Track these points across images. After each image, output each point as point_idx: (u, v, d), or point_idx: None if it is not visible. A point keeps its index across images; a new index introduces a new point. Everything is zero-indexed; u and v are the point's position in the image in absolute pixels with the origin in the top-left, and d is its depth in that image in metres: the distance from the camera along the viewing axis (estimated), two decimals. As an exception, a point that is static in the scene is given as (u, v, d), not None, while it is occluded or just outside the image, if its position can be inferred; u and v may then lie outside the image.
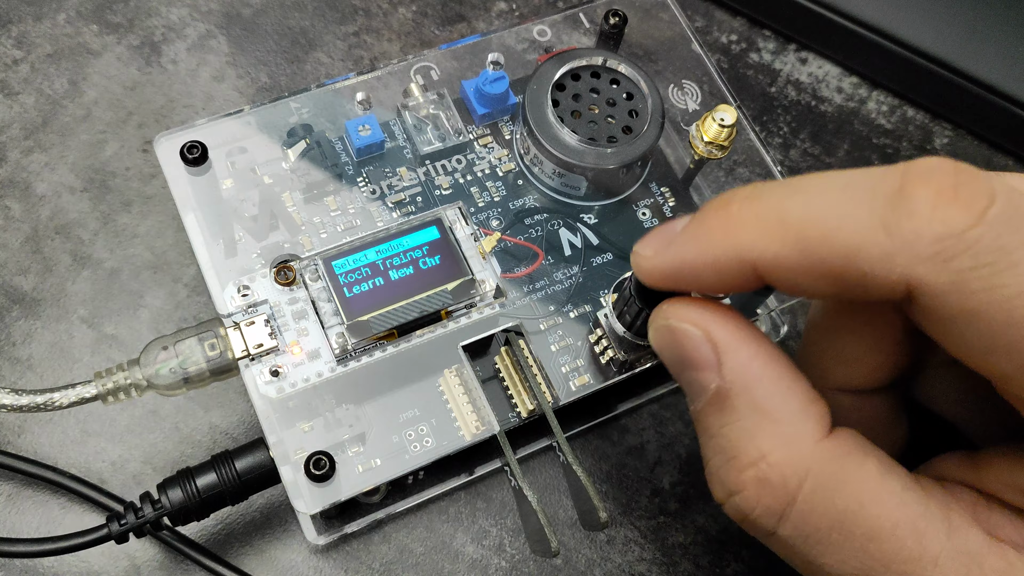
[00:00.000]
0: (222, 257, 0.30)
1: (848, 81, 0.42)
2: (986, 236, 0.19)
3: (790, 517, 0.22)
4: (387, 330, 0.29)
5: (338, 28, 0.40)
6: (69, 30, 0.39)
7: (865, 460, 0.22)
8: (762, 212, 0.22)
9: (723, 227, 0.23)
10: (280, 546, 0.32)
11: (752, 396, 0.23)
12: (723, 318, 0.24)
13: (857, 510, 0.22)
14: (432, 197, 0.33)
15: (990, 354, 0.20)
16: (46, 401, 0.28)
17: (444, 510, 0.33)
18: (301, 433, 0.29)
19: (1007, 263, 0.19)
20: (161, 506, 0.28)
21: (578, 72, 0.34)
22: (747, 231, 0.22)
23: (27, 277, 0.35)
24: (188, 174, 0.31)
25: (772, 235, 0.22)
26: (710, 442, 0.24)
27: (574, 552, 0.33)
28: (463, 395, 0.30)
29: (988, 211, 0.20)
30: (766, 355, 0.23)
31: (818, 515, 0.22)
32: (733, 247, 0.22)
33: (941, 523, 0.22)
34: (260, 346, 0.29)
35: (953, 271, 0.20)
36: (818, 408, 0.23)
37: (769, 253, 0.22)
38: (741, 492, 0.23)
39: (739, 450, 0.23)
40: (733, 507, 0.24)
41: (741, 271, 0.23)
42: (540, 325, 0.31)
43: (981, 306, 0.19)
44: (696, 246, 0.23)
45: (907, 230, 0.20)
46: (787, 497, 0.22)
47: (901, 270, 0.20)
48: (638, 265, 0.25)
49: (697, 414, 0.24)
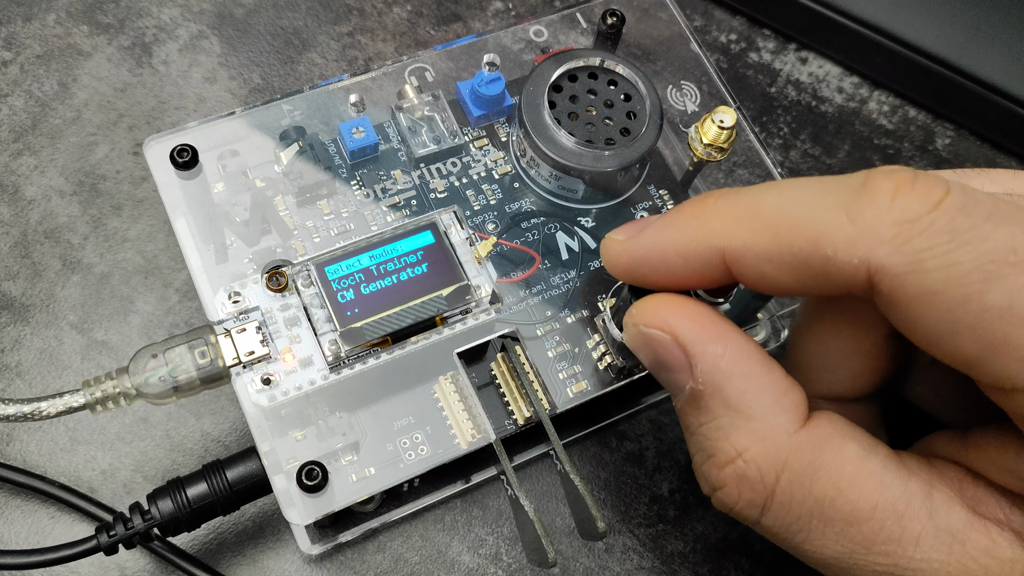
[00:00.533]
0: (213, 263, 0.30)
1: (849, 81, 0.42)
2: (940, 219, 0.21)
3: (771, 508, 0.23)
4: (381, 337, 0.29)
5: (332, 28, 0.40)
6: (59, 31, 0.38)
7: (844, 444, 0.23)
8: (738, 202, 0.24)
9: (697, 216, 0.24)
10: (273, 555, 0.31)
11: (724, 395, 0.24)
12: (691, 318, 0.24)
13: (835, 496, 0.23)
14: (427, 200, 0.32)
15: (952, 335, 0.21)
16: (33, 411, 0.27)
17: (440, 518, 0.32)
18: (293, 442, 0.28)
19: (960, 241, 0.20)
20: (151, 517, 0.27)
21: (575, 73, 0.33)
22: (720, 219, 0.23)
23: (16, 282, 0.34)
24: (178, 178, 0.31)
25: (744, 224, 0.23)
26: (691, 439, 0.25)
27: (572, 561, 0.32)
28: (459, 402, 0.29)
29: (943, 200, 0.21)
30: (736, 352, 0.24)
31: (797, 504, 0.23)
32: (705, 234, 0.24)
33: (922, 502, 0.22)
34: (251, 354, 0.28)
35: (910, 252, 0.21)
36: (792, 398, 0.24)
37: (738, 241, 0.23)
38: (723, 488, 0.24)
39: (717, 448, 0.24)
40: (718, 500, 0.25)
41: (709, 259, 0.24)
42: (537, 331, 0.31)
43: (937, 284, 0.20)
44: (668, 232, 0.25)
45: (868, 216, 0.21)
46: (766, 490, 0.23)
47: (862, 253, 0.21)
48: (607, 248, 0.26)
49: (679, 411, 0.25)
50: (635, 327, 0.26)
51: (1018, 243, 0.20)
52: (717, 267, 0.24)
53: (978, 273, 0.20)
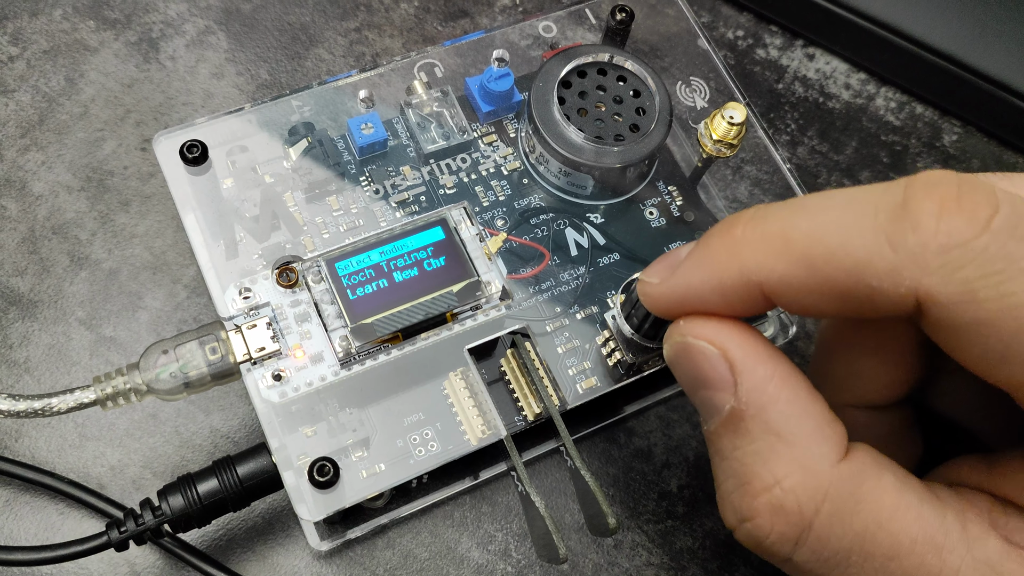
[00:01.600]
0: (223, 258, 0.30)
1: (856, 77, 0.42)
2: (992, 245, 0.19)
3: (807, 543, 0.22)
4: (391, 333, 0.29)
5: (339, 24, 0.40)
6: (66, 26, 0.38)
7: (881, 476, 0.22)
8: (767, 232, 0.22)
9: (728, 249, 0.23)
10: (283, 552, 0.31)
11: (767, 418, 0.22)
12: (740, 336, 0.23)
13: (876, 530, 0.21)
14: (436, 196, 0.32)
15: (1003, 364, 0.20)
16: (44, 407, 0.27)
17: (449, 514, 0.32)
18: (304, 438, 0.28)
19: (1015, 270, 0.19)
20: (162, 513, 0.27)
21: (584, 69, 0.33)
22: (752, 252, 0.22)
23: (24, 278, 0.34)
24: (188, 174, 0.31)
25: (777, 255, 0.22)
26: (722, 464, 0.24)
27: (581, 557, 0.32)
28: (468, 399, 0.29)
29: (993, 219, 0.19)
30: (783, 375, 0.23)
31: (836, 539, 0.22)
32: (739, 269, 0.22)
33: (959, 534, 0.21)
34: (262, 350, 0.28)
35: (961, 281, 0.19)
36: (835, 429, 0.23)
37: (776, 274, 0.22)
38: (754, 519, 0.23)
39: (752, 475, 0.22)
40: (745, 533, 0.23)
41: (748, 293, 0.22)
42: (547, 327, 0.31)
43: (991, 315, 0.19)
44: (701, 271, 0.23)
45: (912, 243, 0.20)
46: (803, 523, 0.22)
47: (909, 283, 0.20)
48: (645, 294, 0.25)
49: (710, 435, 0.24)
50: (682, 338, 0.24)
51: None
52: (758, 299, 0.23)
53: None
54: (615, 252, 0.33)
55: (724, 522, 0.24)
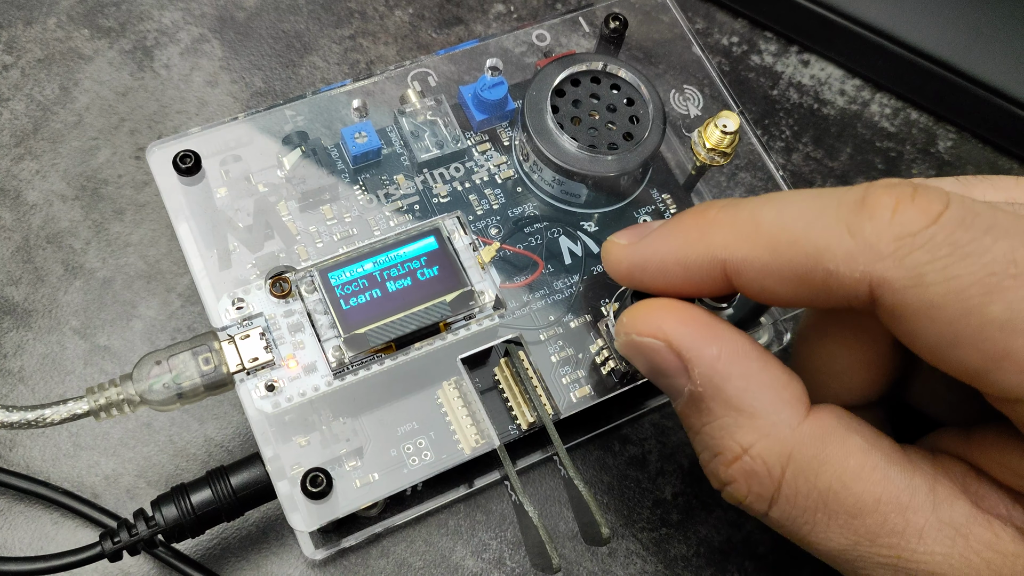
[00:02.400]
0: (216, 268, 0.30)
1: (851, 84, 0.42)
2: (940, 233, 0.21)
3: (777, 501, 0.24)
4: (385, 343, 0.29)
5: (333, 31, 0.40)
6: (60, 34, 0.38)
7: (847, 437, 0.23)
8: (738, 217, 0.24)
9: (698, 227, 0.24)
10: (277, 561, 0.31)
11: (725, 396, 0.24)
12: (683, 322, 0.25)
13: (840, 488, 0.23)
14: (430, 205, 0.32)
15: (954, 348, 0.21)
16: (37, 418, 0.27)
17: (443, 523, 0.32)
18: (298, 448, 0.28)
19: (960, 255, 0.20)
20: (155, 523, 0.27)
21: (578, 77, 0.33)
22: (721, 233, 0.24)
23: (18, 287, 0.34)
24: (181, 184, 0.31)
25: (745, 238, 0.23)
26: (696, 437, 0.25)
27: (575, 565, 0.32)
28: (462, 408, 0.29)
29: (943, 213, 0.21)
30: (732, 351, 0.24)
31: (802, 497, 0.23)
32: (706, 246, 0.24)
33: (926, 496, 0.23)
34: (255, 360, 0.28)
35: (910, 266, 0.21)
36: (791, 391, 0.24)
37: (740, 254, 0.23)
38: (732, 483, 0.24)
39: (722, 446, 0.24)
40: (728, 495, 0.25)
41: (710, 270, 0.24)
42: (540, 336, 0.31)
43: (938, 298, 0.20)
44: (669, 241, 0.25)
45: (868, 231, 0.21)
46: (773, 484, 0.24)
47: (863, 267, 0.21)
48: (608, 251, 0.27)
49: (679, 413, 0.26)
50: (626, 336, 0.26)
51: (1018, 255, 0.20)
52: (718, 278, 0.24)
53: (978, 287, 0.20)
54: (609, 260, 0.33)
55: (712, 485, 0.26)
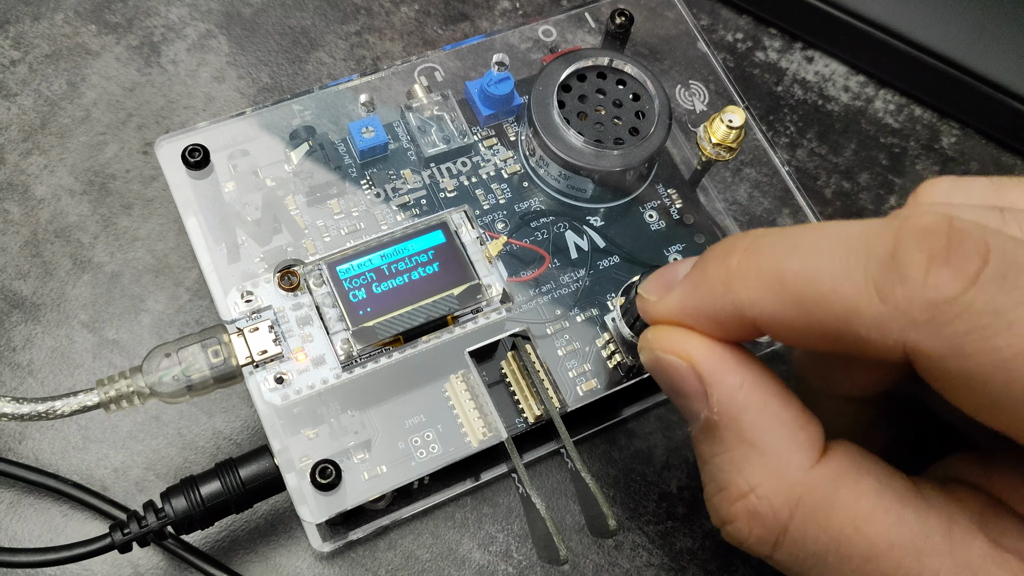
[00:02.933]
0: (225, 262, 0.30)
1: (855, 80, 0.42)
2: (979, 299, 0.19)
3: (783, 544, 0.23)
4: (393, 336, 0.29)
5: (340, 27, 0.40)
6: (67, 30, 0.39)
7: (860, 478, 0.22)
8: (762, 268, 0.22)
9: (723, 281, 0.23)
10: (285, 553, 0.31)
11: (739, 428, 0.23)
12: (708, 346, 0.24)
13: (852, 533, 0.22)
14: (437, 199, 0.33)
15: (992, 412, 0.20)
16: (48, 410, 0.27)
17: (450, 516, 0.32)
18: (306, 440, 0.28)
19: (1002, 325, 0.19)
20: (165, 515, 0.27)
21: (584, 73, 0.33)
22: (746, 287, 0.22)
23: (27, 281, 0.34)
24: (190, 178, 0.31)
25: (771, 293, 0.22)
26: (704, 467, 0.24)
27: (581, 558, 0.32)
28: (469, 401, 0.30)
29: (981, 272, 0.19)
30: (753, 383, 0.23)
31: (811, 541, 0.22)
32: (732, 303, 0.23)
33: (942, 537, 0.22)
34: (264, 353, 0.28)
35: (948, 336, 0.19)
36: (808, 433, 0.23)
37: (768, 311, 0.22)
38: (733, 523, 0.23)
39: (729, 481, 0.23)
40: (728, 534, 0.24)
41: (741, 325, 0.23)
42: (547, 329, 0.31)
43: (978, 369, 0.19)
44: (696, 297, 0.24)
45: (900, 296, 0.20)
46: (778, 527, 0.23)
47: (896, 336, 0.20)
48: (643, 309, 0.26)
49: (693, 439, 0.25)
50: (651, 352, 0.25)
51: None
52: (751, 330, 0.23)
53: (1022, 359, 0.19)
54: (615, 255, 0.33)
55: (712, 521, 0.24)
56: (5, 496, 0.31)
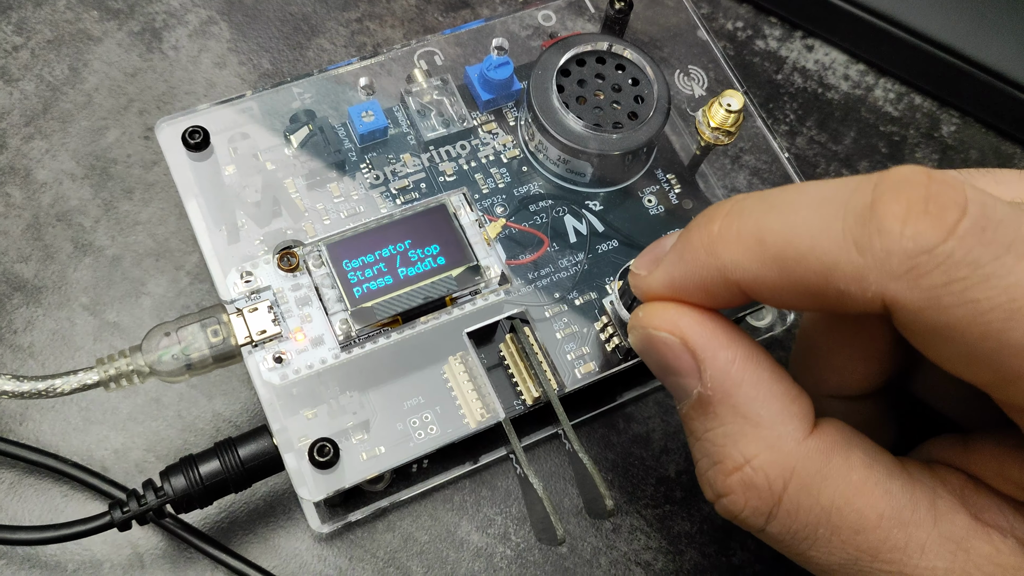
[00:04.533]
0: (224, 243, 0.30)
1: (855, 68, 0.42)
2: (957, 251, 0.19)
3: (777, 516, 0.23)
4: (391, 317, 0.29)
5: (340, 14, 0.40)
6: (69, 16, 0.39)
7: (850, 452, 0.23)
8: (742, 230, 0.22)
9: (706, 246, 0.23)
10: (284, 534, 0.32)
11: (733, 402, 0.23)
12: (700, 322, 0.24)
13: (842, 504, 0.22)
14: (436, 183, 0.33)
15: (969, 365, 0.20)
16: (48, 388, 0.27)
17: (449, 498, 0.33)
18: (305, 420, 0.28)
19: (979, 277, 0.19)
20: (164, 493, 0.28)
21: (583, 58, 0.33)
22: (729, 250, 0.23)
23: (28, 264, 0.34)
24: (190, 160, 0.31)
25: (752, 254, 0.22)
26: (696, 444, 0.25)
27: (579, 540, 0.32)
28: (468, 382, 0.30)
29: (959, 224, 0.19)
30: (745, 358, 0.24)
31: (804, 512, 0.23)
32: (716, 267, 0.23)
33: (927, 510, 0.22)
34: (263, 332, 0.28)
35: (926, 288, 0.19)
36: (800, 406, 0.23)
37: (751, 273, 0.22)
38: (729, 495, 0.24)
39: (724, 455, 0.24)
40: (722, 508, 0.24)
41: (728, 289, 0.23)
42: (545, 312, 0.31)
43: (956, 321, 0.19)
44: (682, 266, 0.24)
45: (878, 248, 0.20)
46: (773, 498, 0.23)
47: (875, 288, 0.20)
48: (635, 285, 0.26)
49: (683, 416, 0.25)
50: (643, 329, 0.25)
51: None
52: (737, 294, 0.23)
53: (998, 311, 0.19)
54: (613, 239, 0.33)
55: (705, 496, 0.25)
56: (6, 476, 0.31)
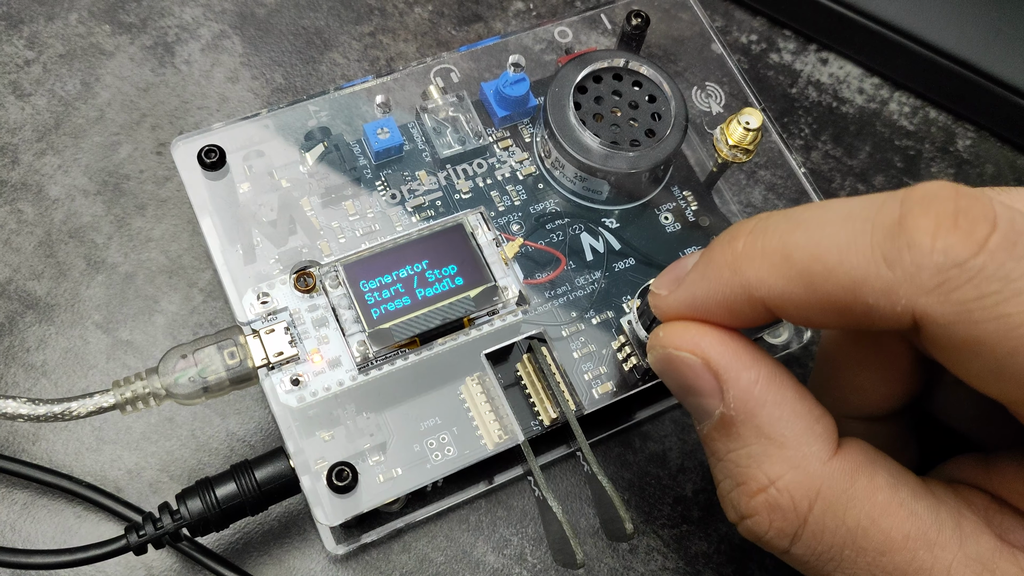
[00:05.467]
0: (240, 263, 0.30)
1: (870, 82, 0.42)
2: (988, 265, 0.19)
3: (802, 537, 0.23)
4: (409, 338, 0.29)
5: (353, 28, 0.40)
6: (81, 30, 0.39)
7: (875, 473, 0.23)
8: (767, 247, 0.22)
9: (730, 264, 0.23)
10: (299, 555, 0.31)
11: (757, 422, 0.23)
12: (722, 342, 0.24)
13: (868, 525, 0.22)
14: (452, 201, 0.32)
15: (998, 381, 0.20)
16: (64, 411, 0.27)
17: (464, 519, 0.32)
18: (322, 442, 0.28)
19: (1011, 291, 0.19)
20: (180, 517, 0.27)
21: (600, 74, 0.33)
22: (753, 268, 0.22)
23: (40, 282, 0.34)
24: (205, 178, 0.31)
25: (777, 271, 0.22)
26: (718, 464, 0.24)
27: (596, 561, 0.32)
28: (485, 403, 0.29)
29: (990, 238, 0.19)
30: (768, 377, 0.23)
31: (829, 534, 0.22)
32: (740, 284, 0.23)
33: (953, 531, 0.22)
34: (280, 354, 0.28)
35: (956, 302, 0.19)
36: (824, 425, 0.23)
37: (776, 289, 0.22)
38: (752, 517, 0.23)
39: (747, 476, 0.23)
40: (746, 529, 0.24)
41: (751, 307, 0.23)
42: (563, 332, 0.31)
43: (986, 335, 0.19)
44: (705, 284, 0.24)
45: (908, 262, 0.20)
46: (798, 520, 0.23)
47: (905, 302, 0.20)
48: (655, 306, 0.26)
49: (703, 437, 0.25)
50: (663, 349, 0.25)
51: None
52: (762, 312, 0.23)
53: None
54: (630, 257, 0.33)
55: (727, 517, 0.25)
56: (19, 497, 0.31)
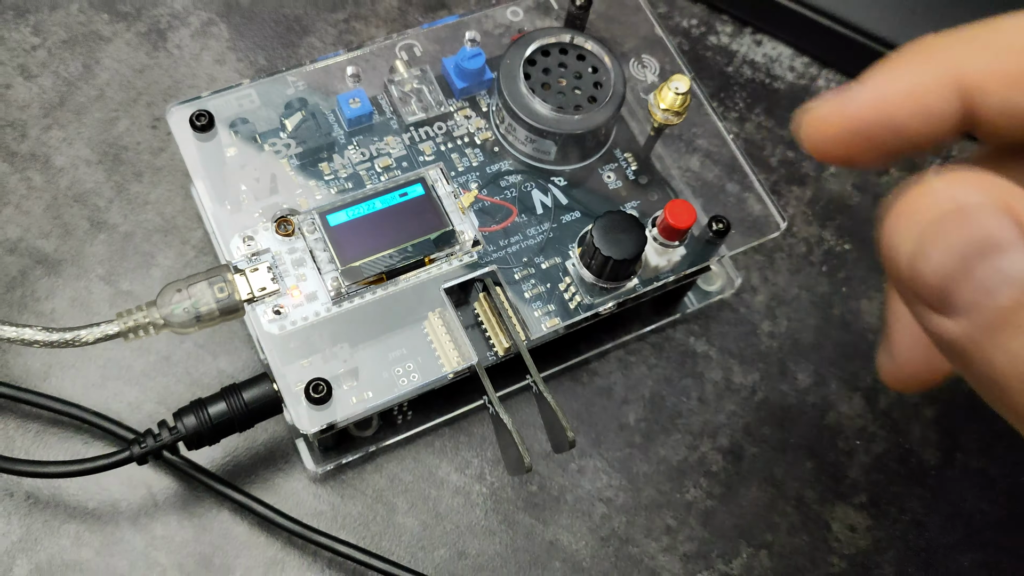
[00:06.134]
0: (228, 214, 0.34)
1: (800, 61, 0.46)
2: None
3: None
4: (376, 274, 0.33)
5: (329, 15, 0.44)
6: (82, 18, 0.42)
7: None
8: (971, 30, 0.20)
9: (926, 51, 0.20)
10: (283, 476, 0.35)
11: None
12: (1012, 188, 0.17)
13: None
14: (416, 162, 0.36)
15: None
16: (74, 338, 0.31)
17: (430, 443, 0.36)
18: (301, 368, 0.32)
19: None
20: (177, 431, 0.31)
21: (548, 49, 0.37)
22: (956, 49, 0.20)
23: (49, 240, 0.38)
24: (197, 140, 0.35)
25: (990, 49, 0.20)
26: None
27: (548, 480, 0.36)
28: (445, 335, 0.33)
29: None
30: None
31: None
32: (943, 67, 0.20)
33: None
34: (263, 289, 0.32)
35: None
36: None
37: (987, 68, 0.19)
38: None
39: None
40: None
41: (949, 100, 0.20)
42: (515, 275, 0.35)
43: None
44: (892, 77, 0.20)
45: None
46: None
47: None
48: (813, 118, 0.22)
49: (966, 339, 0.17)
50: (951, 201, 0.17)
51: None
52: (957, 109, 0.20)
53: None
54: (576, 211, 0.37)
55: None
56: (32, 426, 0.35)
